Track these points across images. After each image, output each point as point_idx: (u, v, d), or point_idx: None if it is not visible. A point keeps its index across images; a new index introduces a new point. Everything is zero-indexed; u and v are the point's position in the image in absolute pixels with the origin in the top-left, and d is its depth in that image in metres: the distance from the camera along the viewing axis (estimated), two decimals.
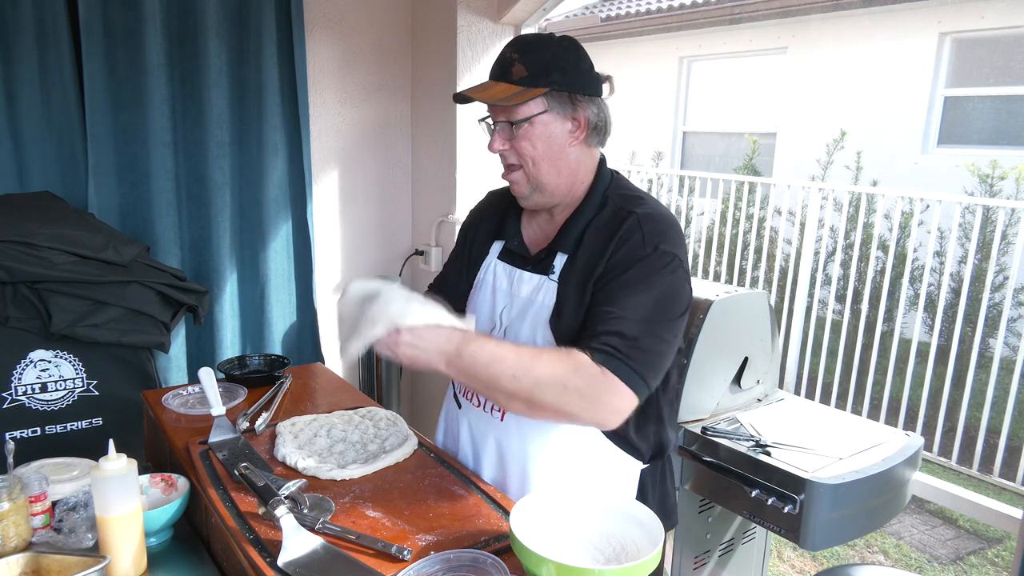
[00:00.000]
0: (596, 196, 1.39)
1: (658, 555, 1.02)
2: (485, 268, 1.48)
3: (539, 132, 1.32)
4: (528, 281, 1.39)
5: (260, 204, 2.66)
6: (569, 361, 1.18)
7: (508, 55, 1.31)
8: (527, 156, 1.33)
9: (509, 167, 1.36)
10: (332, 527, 1.14)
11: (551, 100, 1.31)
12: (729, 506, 1.83)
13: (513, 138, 1.32)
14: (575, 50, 1.35)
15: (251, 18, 2.52)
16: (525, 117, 1.30)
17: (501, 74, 1.31)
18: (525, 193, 1.37)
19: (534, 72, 1.29)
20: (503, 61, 1.32)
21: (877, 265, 4.85)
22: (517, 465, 1.40)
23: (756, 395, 2.11)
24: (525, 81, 1.29)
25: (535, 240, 1.44)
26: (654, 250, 1.27)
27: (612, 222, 1.33)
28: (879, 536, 3.51)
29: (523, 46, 1.31)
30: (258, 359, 2.02)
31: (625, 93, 9.10)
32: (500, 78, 1.31)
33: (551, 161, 1.34)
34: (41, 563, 1.17)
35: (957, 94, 6.47)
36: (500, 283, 1.44)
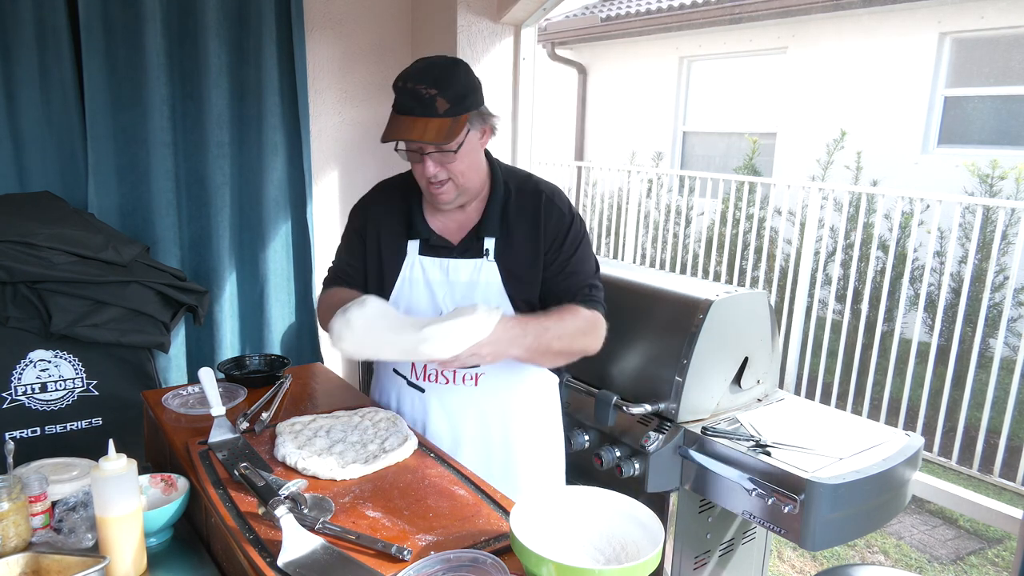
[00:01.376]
0: (499, 183, 1.60)
1: (658, 555, 1.02)
2: (409, 266, 1.61)
3: (466, 151, 1.49)
4: (464, 267, 1.58)
5: (260, 204, 2.66)
6: (579, 315, 1.53)
7: (424, 91, 1.41)
8: (459, 172, 1.50)
9: (438, 183, 1.50)
10: (332, 527, 1.14)
11: (472, 121, 1.48)
12: (729, 506, 1.83)
13: (446, 162, 1.47)
14: (469, 69, 1.51)
15: (251, 18, 2.52)
16: (459, 145, 1.46)
17: (423, 110, 1.42)
18: (451, 200, 1.54)
19: (454, 102, 1.43)
20: (420, 97, 1.41)
21: (877, 265, 4.85)
22: (498, 419, 1.63)
23: (756, 395, 2.11)
24: (450, 112, 1.43)
25: (448, 230, 1.61)
26: (572, 216, 1.61)
27: (529, 203, 1.59)
28: (879, 536, 3.50)
29: (436, 80, 1.42)
30: (258, 359, 2.02)
31: (625, 93, 9.12)
32: (424, 114, 1.42)
33: (474, 169, 1.54)
34: (41, 563, 1.17)
35: (957, 94, 6.47)
36: (432, 275, 1.59)
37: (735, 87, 8.16)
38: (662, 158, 7.93)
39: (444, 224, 1.61)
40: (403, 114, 1.44)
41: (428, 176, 1.48)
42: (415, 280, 1.60)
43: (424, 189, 1.54)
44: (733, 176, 5.71)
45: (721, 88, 8.30)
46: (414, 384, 1.65)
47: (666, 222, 6.30)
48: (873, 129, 6.59)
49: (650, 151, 8.10)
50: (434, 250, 1.60)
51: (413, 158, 1.49)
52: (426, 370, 1.63)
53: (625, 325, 2.09)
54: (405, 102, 1.43)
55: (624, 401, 1.97)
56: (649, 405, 1.93)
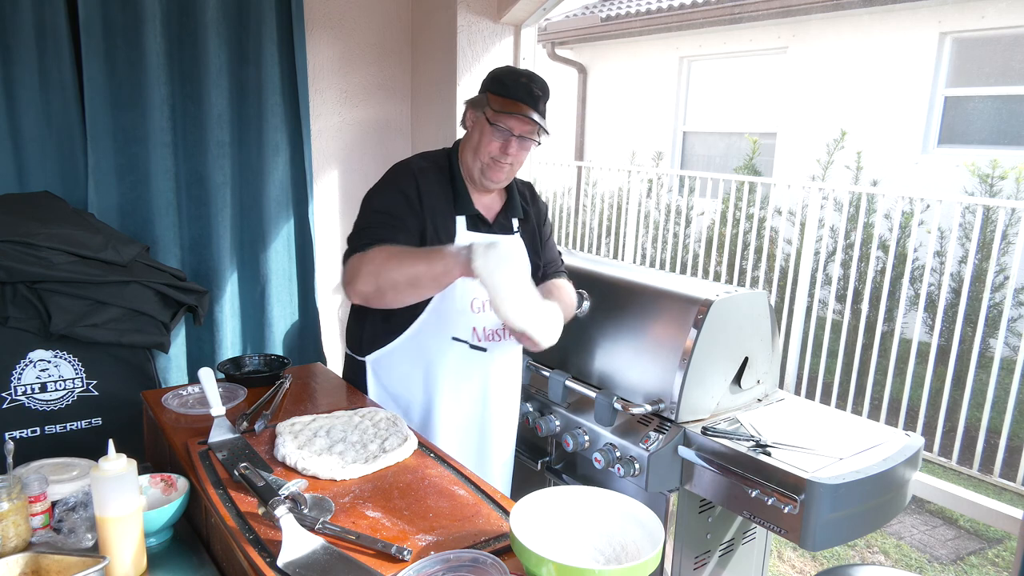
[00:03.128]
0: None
1: (658, 555, 1.02)
2: (460, 240, 1.78)
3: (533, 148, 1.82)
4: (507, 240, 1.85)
5: (260, 204, 2.66)
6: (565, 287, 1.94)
7: (536, 90, 1.73)
8: (520, 161, 1.79)
9: (504, 165, 1.76)
10: (332, 527, 1.14)
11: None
12: (729, 506, 1.82)
13: (523, 149, 1.77)
14: None
15: (251, 18, 2.52)
16: (540, 141, 1.79)
17: (534, 104, 1.73)
18: (502, 180, 1.81)
19: (544, 110, 1.77)
20: (533, 94, 1.73)
21: (877, 265, 4.84)
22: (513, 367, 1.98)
23: (756, 395, 2.11)
24: (543, 114, 1.76)
25: (486, 210, 1.86)
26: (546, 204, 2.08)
27: (527, 192, 1.99)
28: (879, 536, 3.50)
29: (543, 86, 1.76)
30: (258, 359, 2.02)
31: (625, 93, 9.12)
32: (534, 107, 1.73)
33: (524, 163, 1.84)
34: (41, 563, 1.17)
35: (957, 94, 6.47)
36: None
37: (735, 87, 8.16)
38: (662, 158, 7.93)
39: (483, 205, 1.85)
40: (517, 99, 1.71)
41: (505, 156, 1.74)
42: None
43: (484, 165, 1.76)
44: (733, 176, 5.71)
45: (721, 88, 8.30)
46: (476, 347, 1.83)
47: (666, 222, 6.30)
48: (873, 129, 6.59)
49: (650, 151, 8.10)
50: (477, 225, 1.82)
51: (499, 135, 1.73)
52: (486, 331, 1.83)
53: (625, 325, 2.09)
54: (520, 91, 1.71)
55: (624, 401, 1.97)
56: (649, 405, 1.93)
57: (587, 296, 2.20)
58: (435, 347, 1.82)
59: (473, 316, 1.81)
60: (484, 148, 1.75)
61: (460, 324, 1.81)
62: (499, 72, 1.79)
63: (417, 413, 1.87)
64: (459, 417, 1.88)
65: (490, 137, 1.74)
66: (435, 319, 1.80)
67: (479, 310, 1.81)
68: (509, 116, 1.71)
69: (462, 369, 1.84)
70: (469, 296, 1.79)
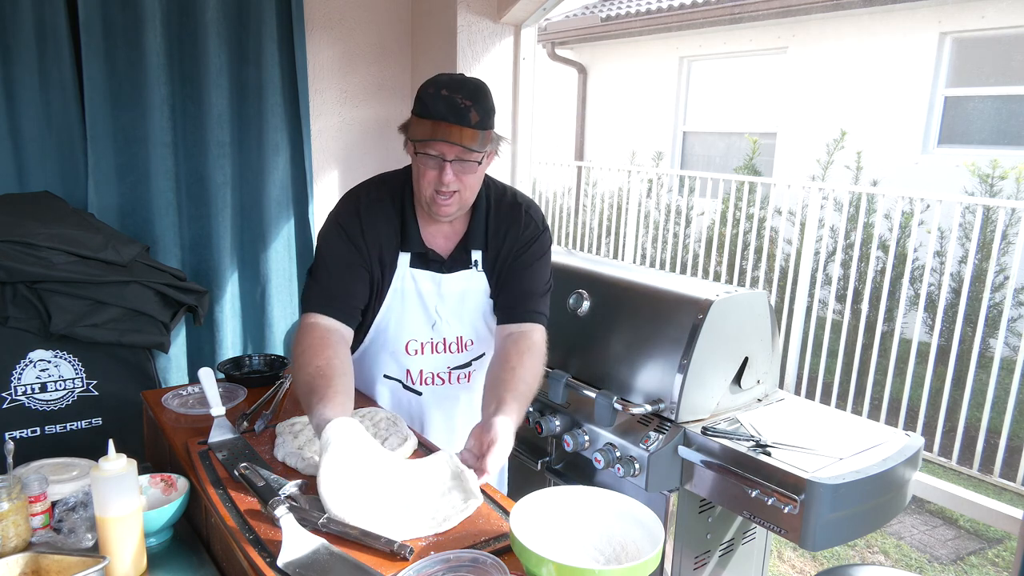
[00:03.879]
0: (482, 196, 1.66)
1: (658, 555, 1.02)
2: (400, 278, 1.64)
3: (481, 166, 1.55)
4: (456, 279, 1.65)
5: (261, 204, 2.66)
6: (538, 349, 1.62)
7: (460, 101, 1.45)
8: (468, 186, 1.55)
9: (447, 194, 1.53)
10: (332, 527, 1.14)
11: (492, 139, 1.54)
12: (729, 506, 1.82)
13: (465, 173, 1.52)
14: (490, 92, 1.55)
15: (251, 18, 2.52)
16: (481, 157, 1.52)
17: (458, 119, 1.45)
18: (452, 212, 1.58)
19: (483, 117, 1.48)
20: (456, 106, 1.45)
21: (877, 265, 4.84)
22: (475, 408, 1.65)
23: (756, 395, 2.10)
24: (479, 125, 1.48)
25: (436, 242, 1.66)
26: (543, 229, 1.72)
27: (509, 215, 1.68)
28: (879, 536, 3.50)
29: (472, 93, 1.47)
30: (258, 359, 2.02)
31: (625, 93, 9.12)
32: (459, 122, 1.45)
33: (478, 185, 1.60)
34: (41, 563, 1.17)
35: (957, 94, 6.47)
36: (424, 287, 1.65)
37: (735, 87, 8.15)
38: (662, 158, 7.93)
39: (434, 236, 1.66)
40: (436, 119, 1.46)
41: (443, 184, 1.50)
42: (407, 292, 1.64)
43: (427, 199, 1.55)
44: (733, 176, 5.71)
45: (721, 88, 8.30)
46: (411, 388, 1.72)
47: (666, 222, 6.30)
48: (873, 129, 6.59)
49: (650, 151, 8.10)
50: (426, 263, 1.64)
51: (430, 164, 1.50)
52: (422, 375, 1.71)
53: (625, 325, 2.09)
54: (440, 109, 1.45)
55: (624, 401, 1.96)
56: (649, 405, 1.93)
57: (586, 295, 2.20)
58: (370, 378, 1.76)
59: (409, 358, 1.70)
60: (420, 180, 1.54)
61: (391, 364, 1.72)
62: (422, 87, 1.51)
63: None
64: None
65: (423, 167, 1.52)
66: (371, 353, 1.72)
67: (415, 353, 1.69)
68: (434, 142, 1.47)
69: (398, 407, 1.76)
70: (401, 338, 1.68)
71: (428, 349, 1.69)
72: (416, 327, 1.67)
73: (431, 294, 1.65)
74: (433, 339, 1.69)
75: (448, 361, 1.72)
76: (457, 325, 1.69)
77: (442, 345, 1.70)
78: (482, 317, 1.71)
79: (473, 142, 1.47)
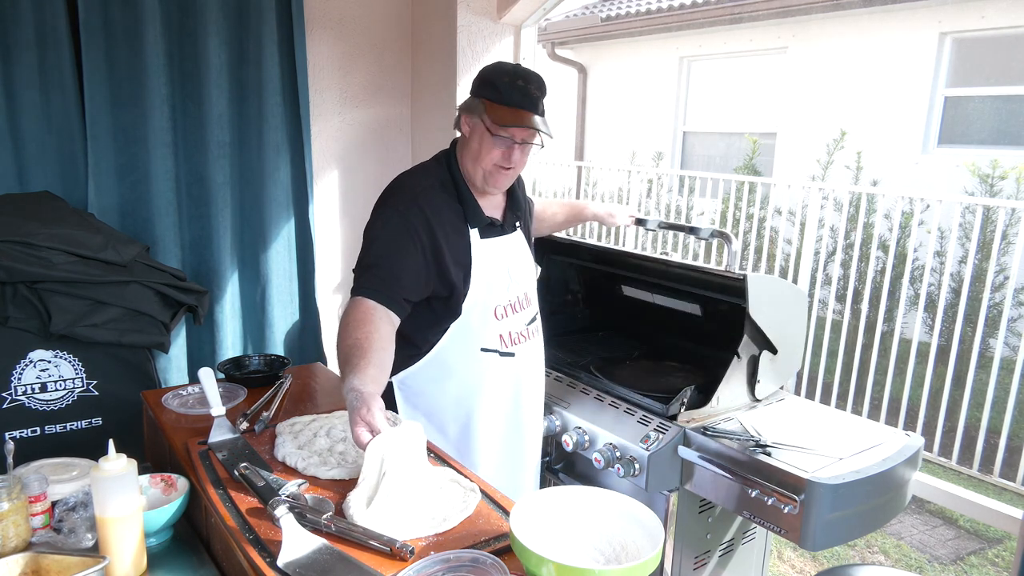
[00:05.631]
0: None
1: (658, 555, 1.02)
2: (477, 252, 1.74)
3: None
4: (511, 240, 1.84)
5: (261, 204, 2.66)
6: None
7: (534, 92, 1.65)
8: (523, 165, 1.75)
9: (507, 170, 1.72)
10: (332, 527, 1.14)
11: None
12: (729, 506, 1.82)
13: (523, 154, 1.72)
14: None
15: (251, 18, 2.52)
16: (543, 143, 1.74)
17: (533, 107, 1.65)
18: (506, 184, 1.77)
19: (543, 109, 1.69)
20: (530, 96, 1.64)
21: (877, 265, 4.84)
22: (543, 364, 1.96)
23: (757, 395, 2.10)
24: (543, 113, 1.69)
25: (491, 211, 1.81)
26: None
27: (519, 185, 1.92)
28: (879, 536, 3.50)
29: (540, 85, 1.67)
30: (258, 359, 2.02)
31: (625, 93, 9.12)
32: (533, 110, 1.65)
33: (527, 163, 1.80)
34: (41, 563, 1.17)
35: (957, 94, 6.46)
36: (498, 252, 1.79)
37: (735, 87, 8.15)
38: (662, 158, 7.93)
39: (487, 207, 1.80)
40: (516, 107, 1.63)
41: (511, 163, 1.69)
42: (488, 261, 1.75)
43: (487, 173, 1.71)
44: (733, 176, 5.71)
45: (721, 88, 8.30)
46: (507, 353, 1.81)
47: None
48: (873, 129, 6.59)
49: (650, 151, 8.10)
50: (489, 231, 1.78)
51: (500, 144, 1.67)
52: (510, 336, 1.81)
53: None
54: (516, 97, 1.63)
55: (625, 401, 1.97)
56: (650, 404, 1.93)
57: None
58: (464, 362, 1.77)
59: (498, 324, 1.78)
60: (485, 156, 1.69)
61: (486, 334, 1.77)
62: (491, 75, 1.67)
63: (453, 430, 1.81)
64: (498, 427, 1.84)
65: (491, 146, 1.67)
66: (461, 334, 1.75)
67: (502, 316, 1.78)
68: (514, 128, 1.64)
69: (495, 379, 1.81)
70: (491, 305, 1.76)
71: (510, 310, 1.81)
72: (500, 292, 1.78)
73: (503, 257, 1.79)
74: (511, 300, 1.81)
75: (524, 318, 1.85)
76: (522, 281, 1.84)
77: (517, 304, 1.82)
78: (532, 273, 1.91)
79: (547, 129, 1.67)
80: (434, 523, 1.17)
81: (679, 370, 2.23)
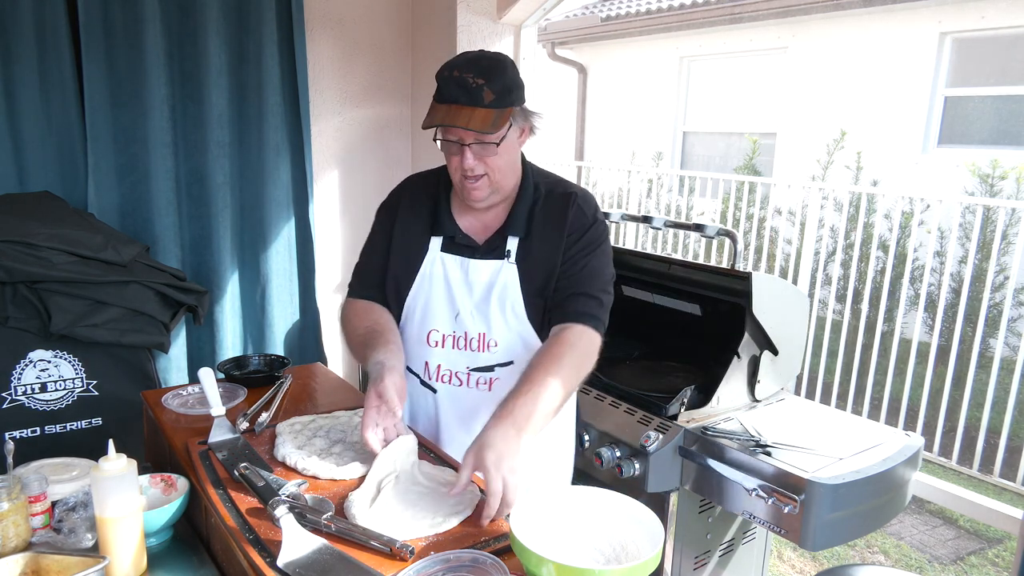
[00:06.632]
0: (529, 183, 1.57)
1: (658, 555, 1.02)
2: (429, 262, 1.56)
3: (506, 146, 1.46)
4: (484, 268, 1.54)
5: (261, 204, 2.66)
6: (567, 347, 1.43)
7: (471, 81, 1.38)
8: (496, 168, 1.46)
9: (473, 178, 1.46)
10: (332, 527, 1.14)
11: (514, 117, 1.45)
12: (729, 506, 1.82)
13: (486, 155, 1.44)
14: (514, 65, 1.48)
15: (251, 18, 2.52)
16: (501, 138, 1.44)
17: (469, 99, 1.38)
18: (484, 197, 1.49)
19: (500, 94, 1.40)
20: (466, 86, 1.38)
21: (877, 265, 4.84)
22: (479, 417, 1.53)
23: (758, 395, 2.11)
24: (495, 103, 1.40)
25: (474, 230, 1.57)
26: (594, 220, 1.55)
27: (557, 205, 1.55)
28: (879, 536, 3.50)
29: (484, 71, 1.40)
30: (258, 359, 2.02)
31: (625, 93, 9.12)
32: (470, 103, 1.39)
33: (511, 167, 1.51)
34: (41, 563, 1.17)
35: (957, 94, 6.46)
36: (452, 273, 1.55)
37: (735, 87, 8.15)
38: (662, 158, 7.93)
39: (471, 223, 1.57)
40: (448, 102, 1.40)
41: (465, 169, 1.44)
42: (435, 276, 1.56)
43: (457, 184, 1.50)
44: (733, 176, 5.71)
45: (721, 88, 8.30)
46: (427, 384, 1.61)
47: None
48: (873, 129, 6.59)
49: (650, 151, 8.09)
50: (457, 248, 1.55)
51: (451, 149, 1.45)
52: (439, 370, 1.59)
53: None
54: (450, 91, 1.40)
55: (625, 401, 1.97)
56: (651, 404, 1.93)
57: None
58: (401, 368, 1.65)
59: (428, 350, 1.57)
60: (449, 167, 1.50)
61: (413, 355, 1.59)
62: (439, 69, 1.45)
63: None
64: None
65: (446, 153, 1.47)
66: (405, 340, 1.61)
67: (435, 345, 1.56)
68: (430, 125, 1.42)
69: (414, 402, 1.64)
70: (427, 327, 1.56)
71: (449, 343, 1.56)
72: (439, 316, 1.56)
73: (458, 282, 1.55)
74: (455, 332, 1.55)
75: (468, 360, 1.56)
76: (481, 320, 1.54)
77: (463, 340, 1.55)
78: (510, 316, 1.53)
79: (485, 124, 1.38)
80: (434, 523, 1.17)
81: (679, 370, 2.23)
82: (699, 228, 2.22)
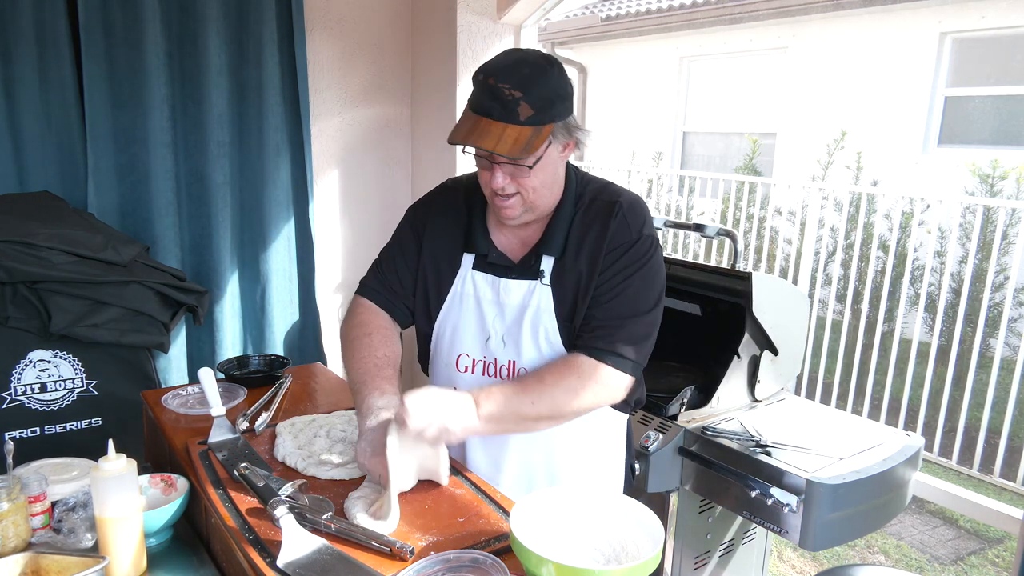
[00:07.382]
0: (571, 196, 1.41)
1: (658, 555, 1.02)
2: (461, 280, 1.45)
3: (543, 165, 1.30)
4: (516, 288, 1.40)
5: (261, 204, 2.66)
6: (569, 368, 1.33)
7: (508, 93, 1.21)
8: (529, 188, 1.31)
9: (504, 196, 1.32)
10: (332, 527, 1.14)
11: (554, 134, 1.28)
12: (729, 506, 1.82)
13: (518, 176, 1.29)
14: (563, 72, 1.30)
15: (251, 18, 2.52)
16: (536, 160, 1.27)
17: (504, 114, 1.22)
18: (516, 215, 1.35)
19: (540, 109, 1.23)
20: (503, 99, 1.22)
21: (877, 265, 4.84)
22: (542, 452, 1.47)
23: (758, 394, 2.11)
24: (533, 120, 1.23)
25: (510, 247, 1.44)
26: (639, 235, 1.36)
27: (599, 215, 1.38)
28: (879, 536, 3.50)
29: (523, 81, 1.22)
30: (258, 359, 2.02)
31: (625, 93, 9.12)
32: (504, 118, 1.22)
33: (549, 186, 1.35)
34: (40, 563, 1.17)
35: (957, 94, 6.46)
36: (483, 293, 1.43)
37: (735, 87, 8.15)
38: (662, 158, 7.93)
39: (507, 239, 1.44)
40: (479, 114, 1.24)
41: (495, 188, 1.30)
42: (467, 296, 1.44)
43: (489, 200, 1.37)
44: (733, 176, 5.71)
45: (721, 88, 8.30)
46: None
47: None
48: (873, 129, 6.59)
49: (650, 151, 8.10)
50: (490, 267, 1.42)
51: (482, 164, 1.32)
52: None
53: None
54: (484, 101, 1.23)
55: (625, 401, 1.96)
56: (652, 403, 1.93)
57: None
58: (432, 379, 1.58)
59: (457, 376, 1.47)
60: (480, 180, 1.37)
61: (441, 378, 1.51)
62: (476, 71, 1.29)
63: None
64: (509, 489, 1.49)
65: (478, 167, 1.35)
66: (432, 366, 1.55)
67: (464, 370, 1.46)
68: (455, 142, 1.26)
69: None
70: (457, 351, 1.46)
71: (479, 369, 1.45)
72: (470, 340, 1.45)
73: (490, 303, 1.42)
74: (486, 358, 1.44)
75: None
76: (512, 347, 1.41)
77: (493, 367, 1.43)
78: (543, 342, 1.39)
79: (516, 148, 1.21)
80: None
81: (679, 370, 2.23)
82: (699, 228, 2.21)
